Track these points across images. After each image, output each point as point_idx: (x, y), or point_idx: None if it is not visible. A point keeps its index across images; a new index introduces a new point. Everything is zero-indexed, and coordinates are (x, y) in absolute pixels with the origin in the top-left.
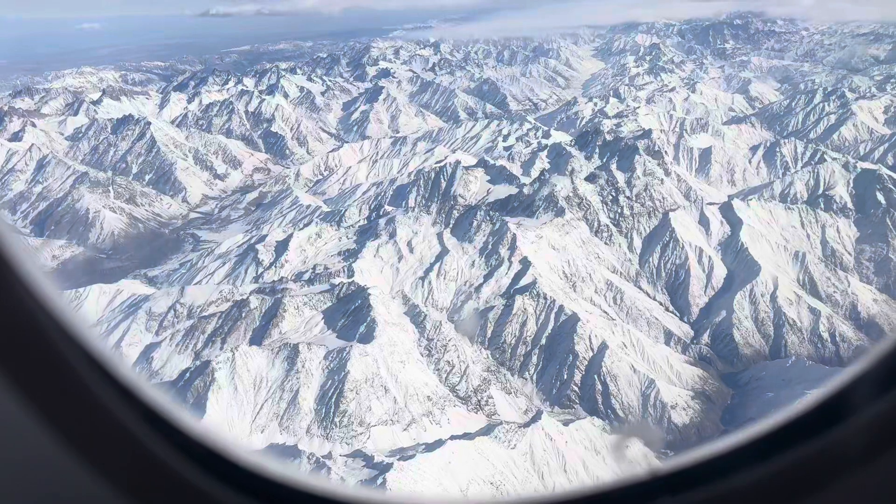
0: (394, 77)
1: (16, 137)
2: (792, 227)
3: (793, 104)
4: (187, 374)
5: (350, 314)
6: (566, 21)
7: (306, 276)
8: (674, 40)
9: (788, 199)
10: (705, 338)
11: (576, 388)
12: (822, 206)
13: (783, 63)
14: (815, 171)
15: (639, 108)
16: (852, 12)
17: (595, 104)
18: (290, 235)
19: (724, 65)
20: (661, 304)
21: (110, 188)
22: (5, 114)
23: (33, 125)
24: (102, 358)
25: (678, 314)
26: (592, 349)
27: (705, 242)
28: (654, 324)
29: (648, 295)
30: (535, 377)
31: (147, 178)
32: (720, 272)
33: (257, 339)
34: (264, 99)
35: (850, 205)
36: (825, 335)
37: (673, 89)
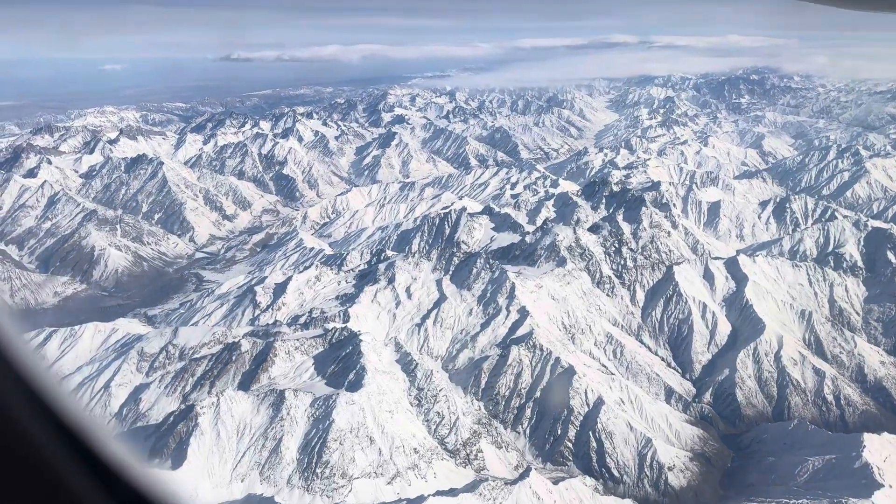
0: (408, 123)
1: (31, 174)
2: (799, 284)
3: (806, 160)
4: (171, 418)
5: (340, 360)
6: (582, 73)
7: (302, 320)
8: (689, 94)
9: (798, 255)
10: (707, 396)
11: (569, 445)
12: (832, 264)
13: (798, 119)
14: (826, 228)
15: (649, 159)
16: (868, 70)
17: (605, 155)
18: (290, 278)
19: (739, 119)
20: (662, 359)
21: (118, 226)
22: (23, 150)
23: (49, 162)
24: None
25: (680, 370)
26: (588, 404)
27: (709, 298)
28: (655, 380)
29: (650, 349)
30: (527, 431)
31: (156, 216)
32: (724, 329)
33: (246, 383)
34: (278, 142)
35: (859, 263)
36: (830, 398)
37: (685, 142)
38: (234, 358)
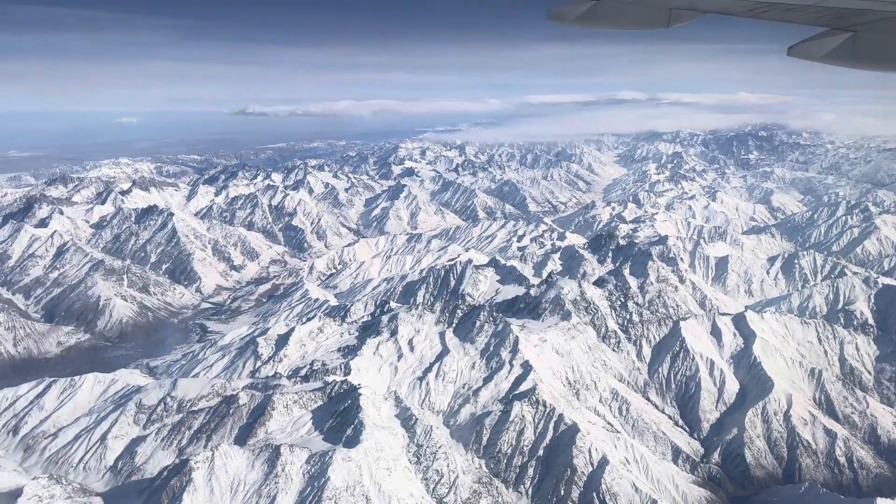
0: (417, 176)
1: (42, 224)
2: (808, 342)
3: (815, 216)
4: (165, 473)
5: (339, 415)
6: (591, 128)
7: (303, 372)
8: (697, 149)
9: (807, 312)
10: (715, 456)
11: None
12: (842, 321)
13: (807, 175)
14: (835, 285)
15: (657, 214)
16: (875, 127)
17: (613, 208)
18: (292, 329)
19: (747, 175)
20: (669, 417)
21: (125, 276)
22: (36, 200)
23: (61, 212)
24: None
25: (687, 429)
26: (592, 464)
27: (717, 354)
28: (662, 439)
29: (657, 407)
30: (529, 491)
31: (164, 267)
32: (732, 386)
33: (242, 437)
34: (288, 193)
35: (870, 321)
36: (842, 460)
37: (693, 197)
38: (231, 411)
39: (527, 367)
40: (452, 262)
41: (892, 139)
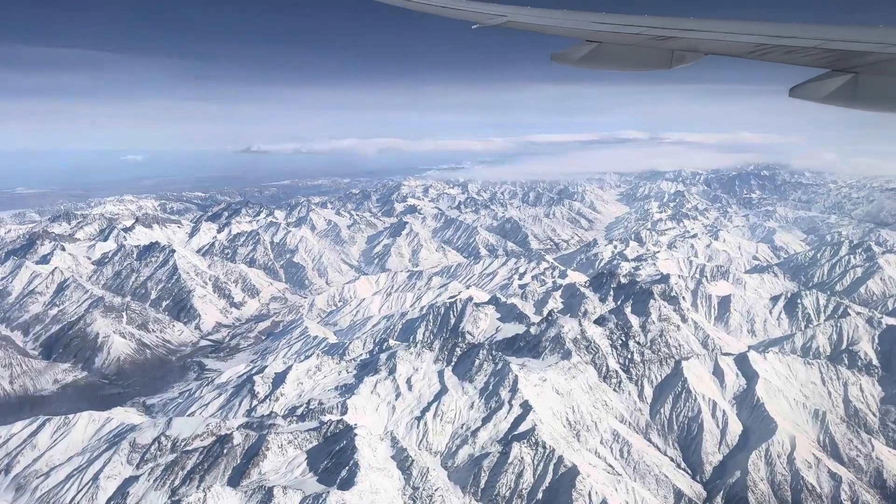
0: (419, 213)
1: (44, 260)
2: (812, 382)
3: (818, 255)
4: None
5: (334, 455)
6: (593, 167)
7: (299, 411)
8: (699, 188)
9: (811, 352)
10: (718, 500)
11: None
12: (846, 362)
13: (810, 214)
14: (839, 325)
15: (659, 252)
16: (877, 167)
17: (615, 246)
18: (289, 368)
19: (749, 214)
20: (671, 459)
21: (124, 313)
22: (39, 237)
23: (62, 249)
24: None
25: (690, 472)
26: None
27: (719, 395)
28: (663, 482)
29: (658, 449)
30: None
31: (164, 304)
32: (735, 428)
33: (236, 478)
34: (290, 230)
35: (875, 362)
36: None
37: (695, 235)
38: (225, 451)
39: (526, 408)
40: (453, 300)
41: (894, 179)
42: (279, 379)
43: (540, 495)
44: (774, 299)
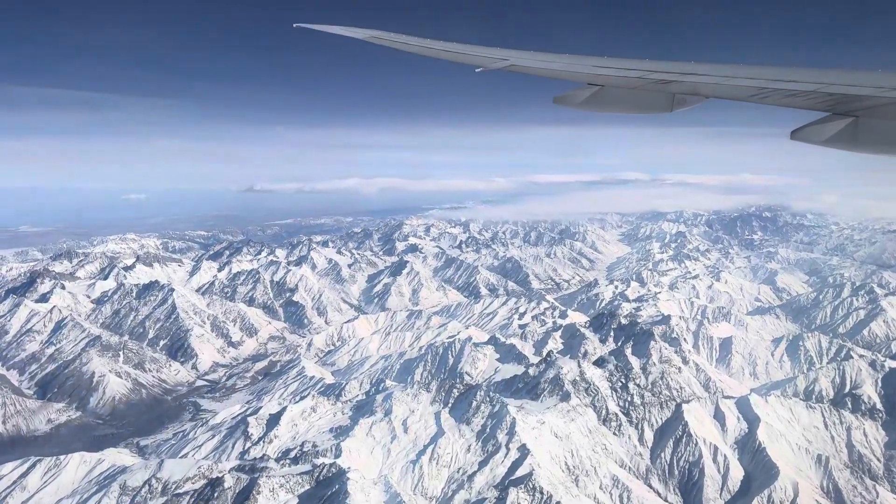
0: (420, 252)
1: (43, 298)
2: (815, 427)
3: (820, 297)
4: None
5: (325, 501)
6: (595, 207)
7: (293, 454)
8: (700, 229)
9: (813, 396)
10: None
11: None
12: (850, 406)
13: (812, 256)
14: (841, 368)
15: (660, 293)
16: (878, 209)
17: (616, 287)
18: (284, 409)
19: (751, 255)
20: None
21: (121, 352)
22: (39, 275)
23: (62, 287)
24: None
25: None
26: None
27: (721, 439)
28: None
29: (659, 494)
30: None
31: (162, 343)
32: (737, 473)
33: None
34: (290, 269)
35: (878, 406)
36: None
37: (696, 276)
38: (216, 495)
39: (524, 451)
40: (451, 340)
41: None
42: (273, 420)
43: None
44: (776, 341)
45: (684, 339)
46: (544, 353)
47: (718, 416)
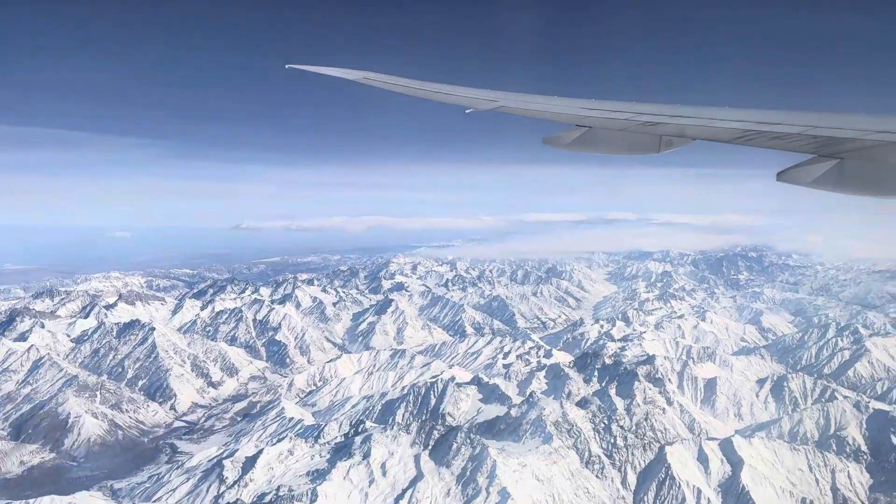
0: (406, 290)
1: (22, 337)
2: (799, 469)
3: (805, 337)
4: None
5: None
6: (582, 246)
7: (268, 498)
8: (686, 269)
9: (798, 437)
10: None
11: None
12: (834, 448)
13: (797, 296)
14: (826, 409)
15: (645, 332)
16: (862, 250)
17: (602, 326)
18: (260, 451)
19: (737, 295)
20: None
21: (98, 393)
22: (19, 313)
23: (42, 326)
24: None
25: None
26: None
27: (704, 482)
28: None
29: None
30: None
31: (140, 383)
32: None
33: None
34: (274, 308)
35: (863, 448)
36: None
37: (682, 316)
38: None
39: (504, 495)
40: (434, 380)
41: (880, 262)
42: (249, 463)
43: None
44: (761, 382)
45: (669, 380)
46: (528, 394)
47: (702, 459)
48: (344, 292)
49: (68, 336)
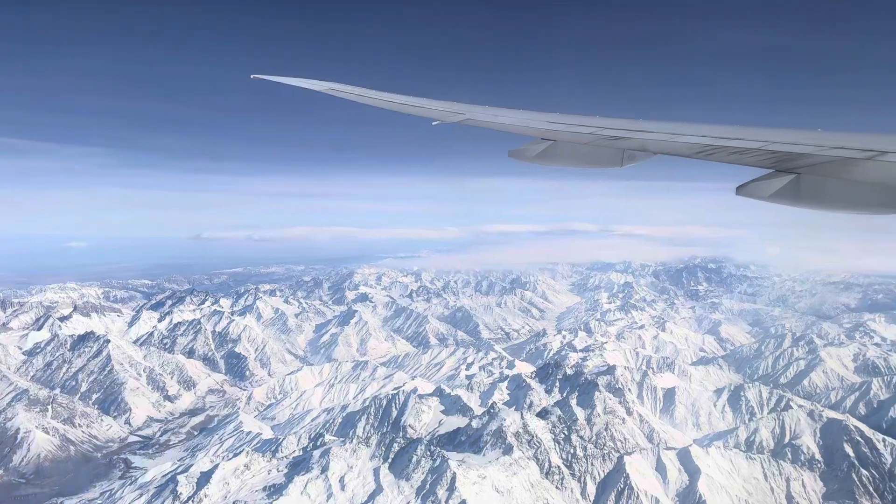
0: (370, 301)
1: None
2: (755, 478)
3: (762, 348)
4: None
5: None
6: (546, 257)
7: None
8: (647, 280)
9: (754, 446)
10: None
11: None
12: (789, 456)
13: (755, 307)
14: (781, 418)
15: (607, 343)
16: (818, 261)
17: (564, 337)
18: (216, 466)
19: (696, 305)
20: None
21: (49, 407)
22: None
23: None
24: None
25: None
26: None
27: (662, 492)
28: None
29: None
30: None
31: (94, 396)
32: None
33: None
34: (234, 319)
35: (817, 456)
36: None
37: (642, 327)
38: None
39: None
40: (396, 392)
41: (835, 273)
42: (204, 479)
43: None
44: (719, 391)
45: (629, 390)
46: (489, 405)
47: (660, 468)
48: (307, 303)
49: (20, 349)
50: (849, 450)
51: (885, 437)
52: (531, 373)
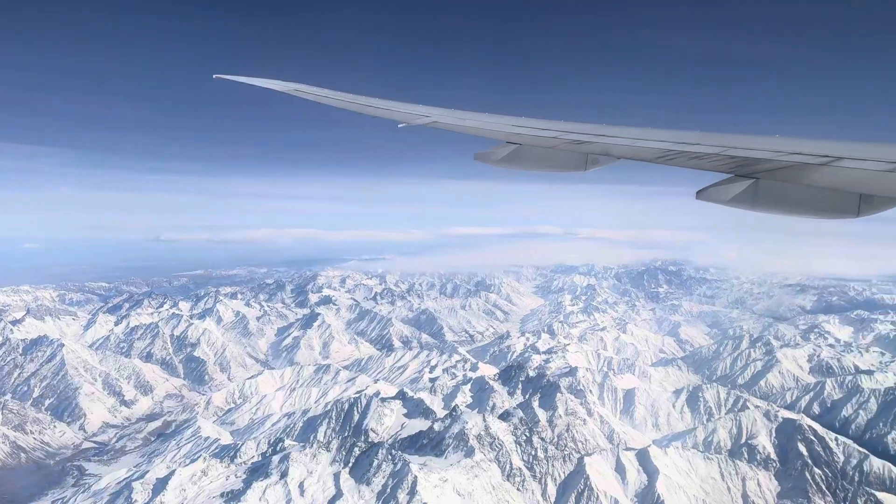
0: (334, 304)
1: None
2: (712, 478)
3: (721, 349)
4: None
5: None
6: (511, 259)
7: None
8: (610, 282)
9: (712, 446)
10: None
11: None
12: (746, 456)
13: (714, 308)
14: (738, 418)
15: (569, 345)
16: (775, 264)
17: (528, 339)
18: (172, 472)
19: (657, 307)
20: None
21: None
22: None
23: None
24: None
25: None
26: None
27: (622, 492)
28: None
29: None
30: None
31: (47, 402)
32: None
33: None
34: (193, 323)
35: (772, 456)
36: None
37: (604, 328)
38: None
39: None
40: (358, 395)
41: (791, 276)
42: (160, 485)
43: None
44: (678, 392)
45: (590, 391)
46: (452, 407)
47: (619, 469)
48: (269, 306)
49: None
50: (803, 449)
51: (838, 436)
52: (494, 375)
